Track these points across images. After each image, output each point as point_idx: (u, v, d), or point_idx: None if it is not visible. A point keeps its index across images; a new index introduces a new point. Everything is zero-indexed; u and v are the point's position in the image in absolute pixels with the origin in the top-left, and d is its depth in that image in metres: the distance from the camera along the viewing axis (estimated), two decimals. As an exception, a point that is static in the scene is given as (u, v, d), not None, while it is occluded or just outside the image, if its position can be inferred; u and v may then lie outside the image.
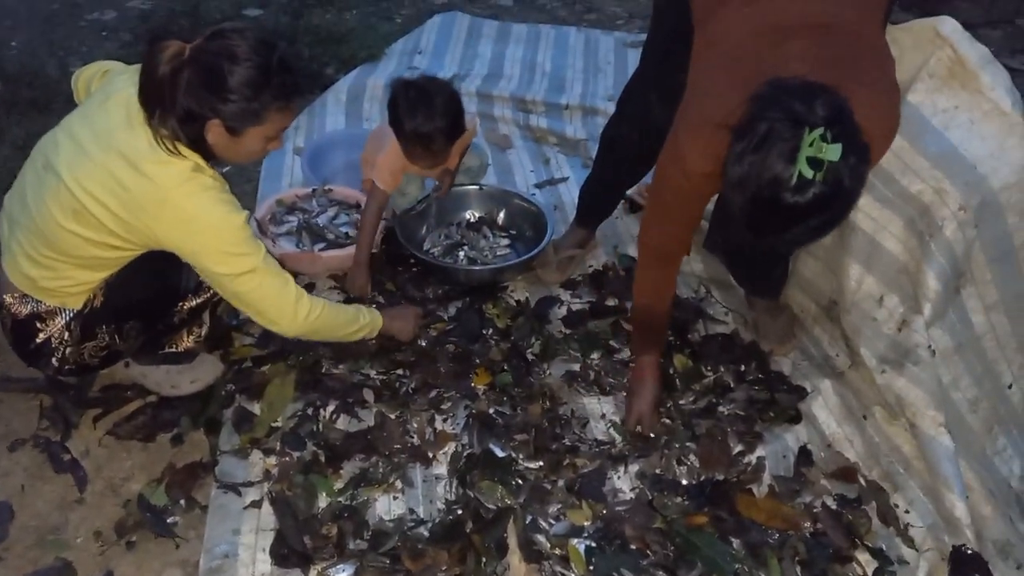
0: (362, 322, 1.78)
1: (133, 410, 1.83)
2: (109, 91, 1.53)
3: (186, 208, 1.46)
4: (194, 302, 1.73)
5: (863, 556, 1.58)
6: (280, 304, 1.59)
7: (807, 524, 1.64)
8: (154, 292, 1.66)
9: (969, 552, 1.54)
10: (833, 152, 1.18)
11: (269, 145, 1.55)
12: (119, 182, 1.44)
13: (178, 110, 1.41)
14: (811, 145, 1.19)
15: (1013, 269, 1.69)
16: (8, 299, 1.59)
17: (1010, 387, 1.75)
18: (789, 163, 1.20)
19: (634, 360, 1.91)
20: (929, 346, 1.65)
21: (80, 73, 1.75)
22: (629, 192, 2.48)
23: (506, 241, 2.39)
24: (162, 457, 1.74)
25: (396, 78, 2.13)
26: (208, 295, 1.73)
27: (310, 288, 2.19)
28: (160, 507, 1.63)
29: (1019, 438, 1.76)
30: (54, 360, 1.64)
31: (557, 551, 1.56)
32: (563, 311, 2.19)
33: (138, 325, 1.68)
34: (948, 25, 1.65)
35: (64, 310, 1.60)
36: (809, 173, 1.19)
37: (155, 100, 1.42)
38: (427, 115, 2.01)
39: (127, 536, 1.58)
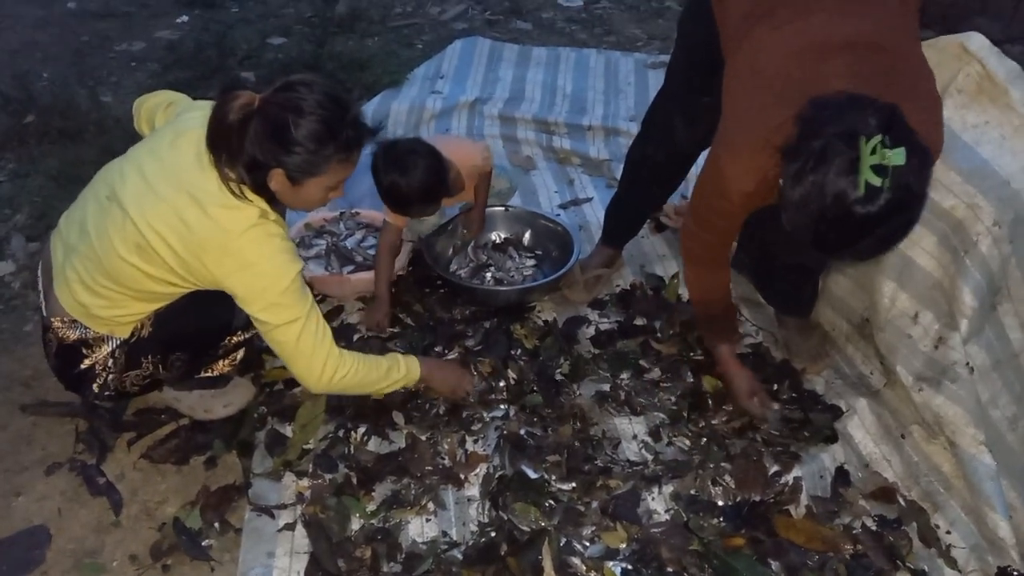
0: (396, 376, 1.74)
1: (167, 433, 1.85)
2: (180, 129, 1.55)
3: (247, 254, 1.48)
4: (242, 336, 1.75)
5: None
6: (311, 363, 1.59)
7: (847, 546, 1.61)
8: (204, 326, 1.68)
9: (1015, 573, 1.51)
10: (898, 156, 1.18)
11: (330, 194, 1.57)
12: (184, 222, 1.46)
13: (245, 157, 1.44)
14: (872, 153, 1.18)
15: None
16: (56, 323, 1.61)
17: (1050, 404, 1.72)
18: (853, 175, 1.19)
19: (712, 353, 1.96)
20: (967, 363, 1.63)
21: (143, 101, 1.77)
22: (657, 214, 2.49)
23: (532, 262, 2.39)
24: (196, 480, 1.75)
25: (380, 142, 2.00)
26: (256, 330, 1.74)
27: (338, 311, 2.20)
28: (195, 530, 1.63)
29: (1061, 456, 1.73)
30: (95, 386, 1.66)
31: (593, 574, 1.54)
32: (591, 331, 2.18)
33: (184, 356, 1.70)
34: (976, 41, 1.65)
35: (111, 338, 1.62)
36: (877, 181, 1.18)
37: (223, 146, 1.45)
38: (402, 179, 1.96)
39: (163, 559, 1.59)
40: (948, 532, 1.63)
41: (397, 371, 1.75)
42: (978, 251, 1.60)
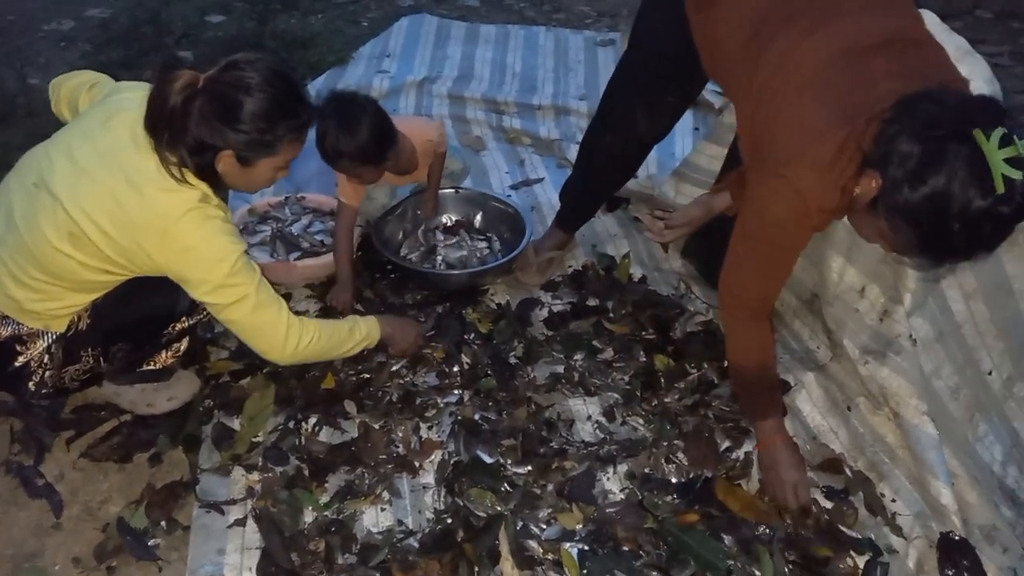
0: (358, 337, 1.73)
1: (108, 431, 1.78)
2: (111, 110, 1.49)
3: (186, 237, 1.43)
4: (186, 323, 1.69)
5: (853, 547, 1.59)
6: (270, 336, 1.56)
7: (777, 518, 1.63)
8: (146, 314, 1.62)
9: (956, 538, 1.55)
10: None
11: (278, 174, 1.54)
12: (121, 206, 1.41)
13: (189, 139, 1.40)
14: (1004, 147, 1.12)
15: (992, 257, 1.70)
16: None
17: (990, 374, 1.77)
18: (983, 173, 1.12)
19: (754, 429, 1.73)
20: (910, 335, 1.66)
21: (62, 82, 1.69)
22: (638, 215, 2.48)
23: (484, 244, 2.37)
24: (140, 478, 1.69)
25: (330, 91, 2.00)
26: (201, 316, 1.70)
27: (286, 298, 2.15)
28: (140, 529, 1.58)
29: (1000, 424, 1.78)
30: (31, 384, 1.59)
31: (550, 556, 1.54)
32: (544, 313, 2.18)
33: (126, 347, 1.64)
34: (927, 18, 1.66)
35: (47, 332, 1.55)
36: (1017, 174, 1.12)
37: (163, 128, 1.39)
38: (337, 132, 1.90)
39: (107, 561, 1.54)
40: (893, 500, 1.67)
41: (359, 332, 1.73)
42: (920, 226, 1.63)
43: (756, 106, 1.46)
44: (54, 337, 1.56)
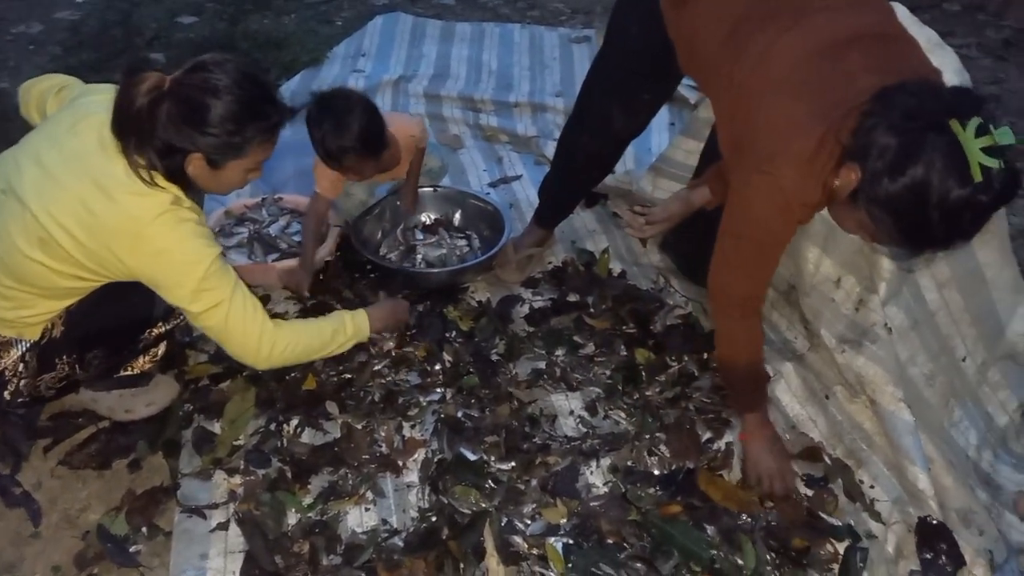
0: (342, 339, 1.69)
1: (86, 437, 1.76)
2: (79, 114, 1.46)
3: (159, 241, 1.41)
4: (163, 328, 1.68)
5: (832, 533, 1.61)
6: (244, 343, 1.54)
7: (769, 505, 1.66)
8: (121, 320, 1.60)
9: (934, 522, 1.58)
10: (1006, 135, 1.14)
11: (249, 176, 1.52)
12: (91, 211, 1.38)
13: (156, 143, 1.37)
14: (977, 136, 1.14)
15: (964, 246, 1.73)
16: None
17: (964, 360, 1.80)
18: (961, 163, 1.14)
19: (740, 420, 1.77)
20: (886, 324, 1.69)
21: (32, 86, 1.67)
22: (618, 211, 2.49)
23: (463, 242, 2.37)
24: (120, 484, 1.67)
25: (315, 92, 2.03)
26: (178, 320, 1.68)
27: (265, 300, 2.14)
28: (121, 536, 1.57)
29: (974, 410, 1.82)
30: (6, 393, 1.56)
31: (535, 551, 1.55)
32: (525, 309, 2.18)
33: (102, 354, 1.62)
34: (898, 11, 1.69)
35: (20, 341, 1.52)
36: (993, 163, 1.13)
37: (130, 131, 1.37)
38: (336, 130, 1.93)
39: (88, 569, 1.52)
40: (872, 487, 1.70)
41: (343, 333, 1.69)
42: (893, 216, 1.65)
43: (736, 103, 1.47)
44: (28, 345, 1.53)
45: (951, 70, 1.66)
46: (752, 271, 1.54)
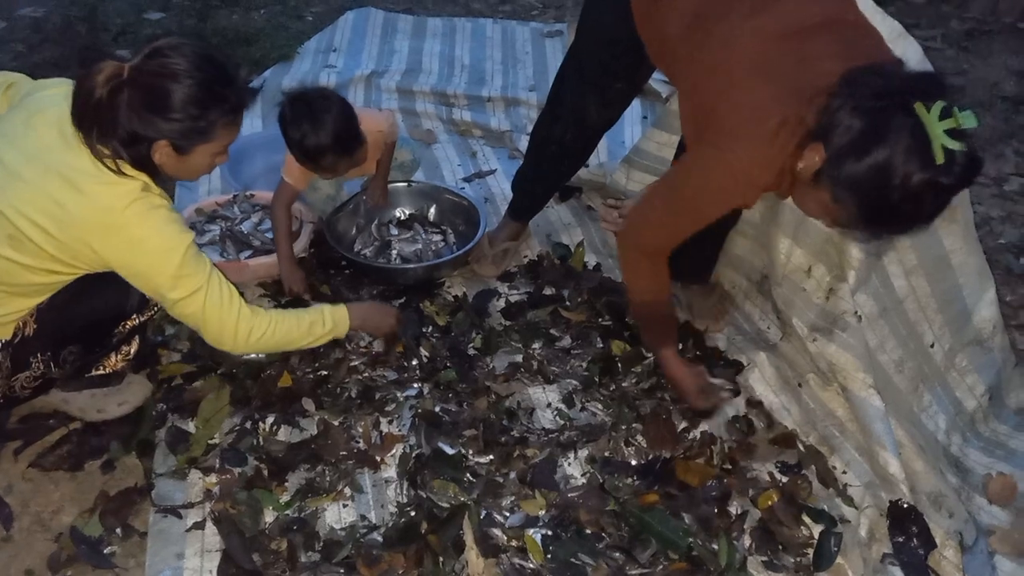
0: (324, 329, 1.68)
1: (57, 439, 1.73)
2: (32, 109, 1.43)
3: (133, 229, 1.39)
4: (137, 320, 1.65)
5: (807, 519, 1.63)
6: (221, 328, 1.53)
7: (750, 491, 1.68)
8: (95, 313, 1.58)
9: (905, 506, 1.61)
10: (970, 119, 1.15)
11: (216, 160, 1.50)
12: (59, 204, 1.36)
13: (120, 132, 1.35)
14: (941, 119, 1.15)
15: (930, 233, 1.76)
16: None
17: (932, 346, 1.83)
18: (924, 145, 1.15)
19: (655, 357, 1.88)
20: (855, 312, 1.72)
21: None
22: (592, 204, 2.49)
23: (439, 237, 2.36)
24: (93, 486, 1.65)
25: (289, 90, 2.04)
26: (152, 312, 1.66)
27: (239, 298, 2.11)
28: (95, 538, 1.55)
29: (943, 394, 1.85)
30: None
31: (514, 543, 1.55)
32: (502, 303, 2.18)
33: (77, 350, 1.59)
34: (861, 2, 1.71)
35: None
36: (956, 145, 1.15)
37: (91, 122, 1.34)
38: (311, 131, 1.93)
39: (62, 571, 1.50)
40: (844, 472, 1.73)
41: (322, 326, 1.68)
42: (862, 205, 1.67)
43: (700, 90, 1.49)
44: (0, 345, 1.50)
45: (914, 60, 1.68)
46: (672, 231, 1.59)
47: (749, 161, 1.37)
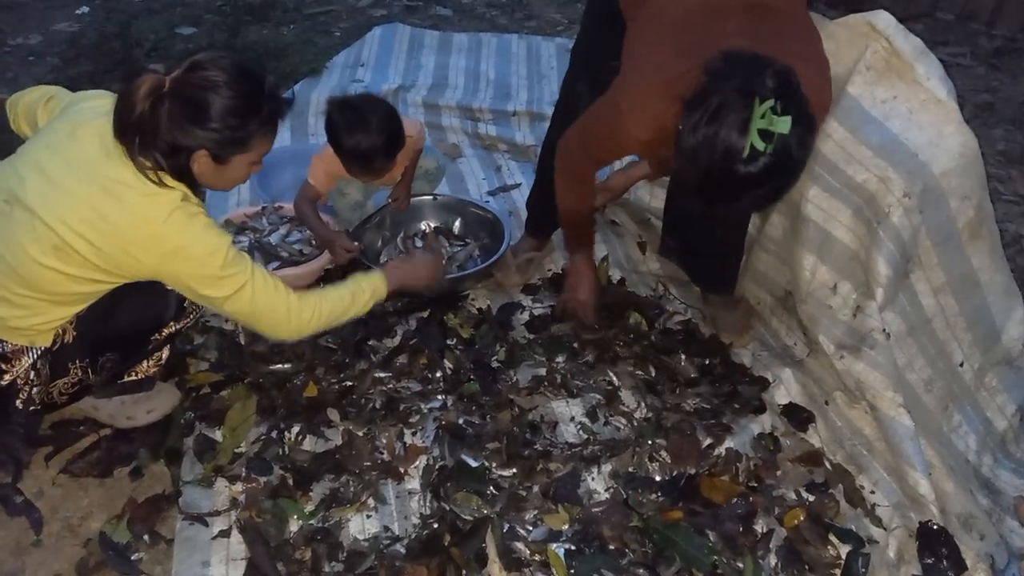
0: (363, 300, 1.73)
1: (87, 445, 1.76)
2: (76, 121, 1.47)
3: (175, 237, 1.43)
4: (173, 328, 1.68)
5: (835, 539, 1.61)
6: (275, 319, 1.58)
7: (776, 509, 1.66)
8: (134, 322, 1.61)
9: (935, 527, 1.59)
10: (783, 124, 1.25)
11: (251, 169, 1.55)
12: (102, 216, 1.40)
13: (161, 143, 1.39)
14: (762, 117, 1.24)
15: (957, 251, 1.75)
16: None
17: (961, 365, 1.81)
18: (742, 135, 1.26)
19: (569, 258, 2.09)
20: (884, 329, 1.70)
21: (18, 98, 1.68)
22: (615, 219, 2.53)
23: (462, 249, 2.37)
24: (121, 492, 1.67)
25: (332, 96, 2.13)
26: (188, 320, 1.69)
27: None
28: (123, 544, 1.56)
29: (972, 414, 1.83)
30: (18, 402, 1.55)
31: (537, 557, 1.55)
32: (525, 316, 2.19)
33: (114, 357, 1.62)
34: (883, 19, 1.71)
35: (32, 348, 1.52)
36: (761, 145, 1.25)
37: (133, 134, 1.39)
38: (364, 134, 2.01)
39: (89, 577, 1.52)
40: (872, 492, 1.71)
41: (363, 293, 1.74)
42: (890, 222, 1.67)
43: (628, 41, 1.62)
44: (39, 352, 1.53)
45: (936, 78, 1.68)
46: (585, 157, 1.79)
47: (631, 104, 1.53)
